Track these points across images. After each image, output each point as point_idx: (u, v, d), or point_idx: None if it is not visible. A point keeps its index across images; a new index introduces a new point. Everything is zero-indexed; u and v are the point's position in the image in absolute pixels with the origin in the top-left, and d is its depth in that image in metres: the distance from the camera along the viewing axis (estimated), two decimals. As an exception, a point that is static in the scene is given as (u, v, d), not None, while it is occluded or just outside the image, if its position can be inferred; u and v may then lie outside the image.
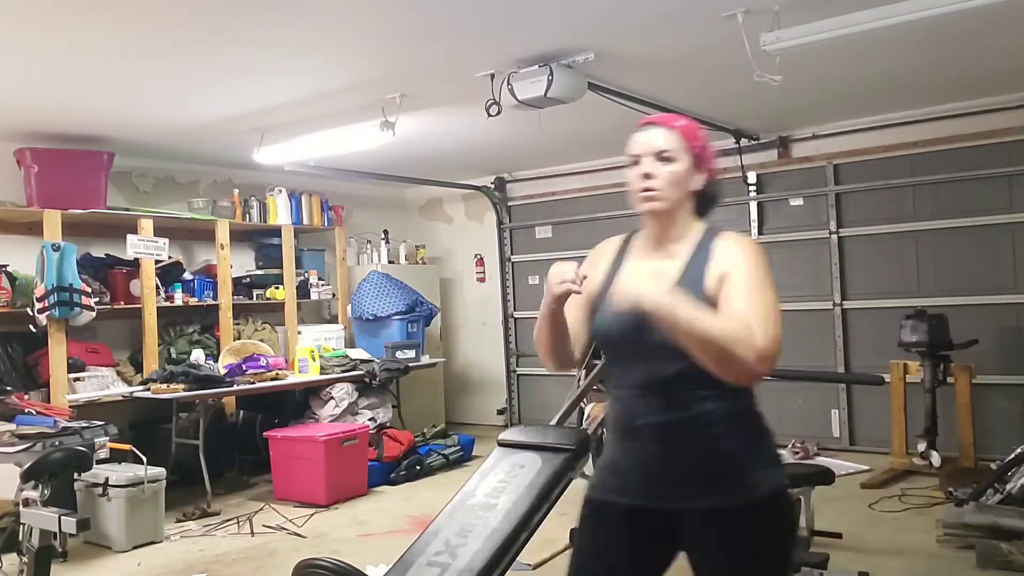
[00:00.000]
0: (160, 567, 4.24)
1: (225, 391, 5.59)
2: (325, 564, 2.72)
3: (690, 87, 4.89)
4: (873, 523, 4.46)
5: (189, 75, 4.24)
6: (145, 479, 4.54)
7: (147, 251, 5.66)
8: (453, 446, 6.37)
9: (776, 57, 3.66)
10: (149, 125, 5.23)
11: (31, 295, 5.09)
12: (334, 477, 5.31)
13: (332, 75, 4.33)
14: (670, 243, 1.84)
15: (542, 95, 4.05)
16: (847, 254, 6.27)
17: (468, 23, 3.63)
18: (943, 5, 3.24)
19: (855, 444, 6.22)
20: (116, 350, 5.86)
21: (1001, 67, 4.74)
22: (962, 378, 5.21)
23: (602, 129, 5.97)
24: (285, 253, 6.67)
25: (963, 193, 5.75)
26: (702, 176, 1.84)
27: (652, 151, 1.80)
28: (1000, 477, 4.28)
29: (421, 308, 6.99)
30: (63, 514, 3.11)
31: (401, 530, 4.70)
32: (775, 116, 5.89)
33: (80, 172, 5.44)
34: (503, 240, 7.99)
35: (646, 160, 1.81)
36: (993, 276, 5.67)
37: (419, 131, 5.56)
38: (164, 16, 3.39)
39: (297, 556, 3.31)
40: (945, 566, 3.76)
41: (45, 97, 4.54)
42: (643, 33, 3.87)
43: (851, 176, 6.23)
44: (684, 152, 1.81)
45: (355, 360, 6.33)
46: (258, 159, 5.74)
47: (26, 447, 4.26)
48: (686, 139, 1.81)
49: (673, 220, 1.83)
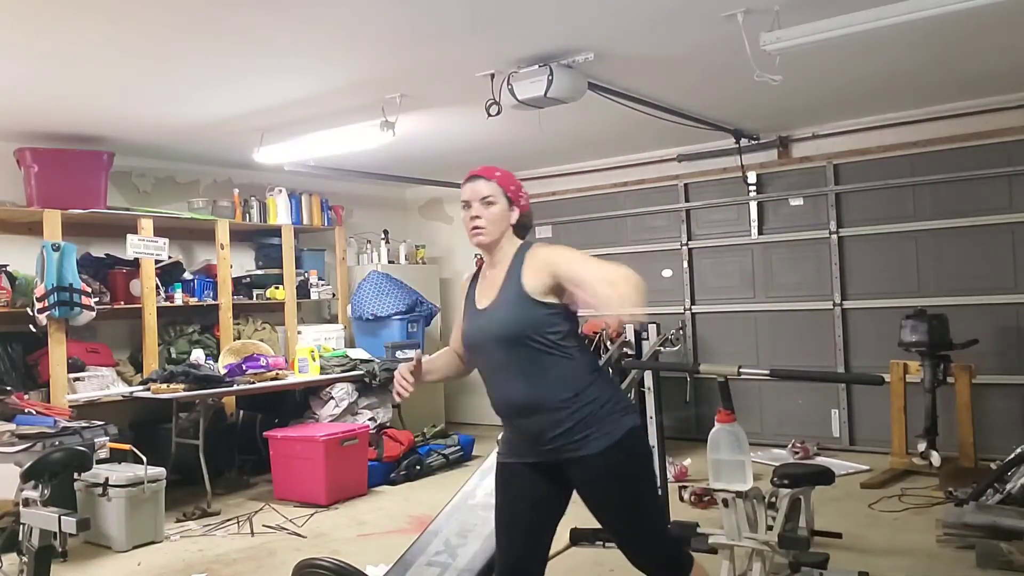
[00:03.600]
0: (160, 567, 4.24)
1: (225, 391, 5.59)
2: (325, 564, 2.72)
3: (690, 87, 4.89)
4: (873, 523, 4.46)
5: (189, 75, 4.25)
6: (145, 479, 4.54)
7: (147, 251, 5.66)
8: (453, 446, 6.37)
9: (776, 57, 3.66)
10: (149, 125, 5.23)
11: (31, 295, 5.09)
12: (334, 477, 5.31)
13: (332, 75, 4.33)
14: (498, 263, 2.36)
15: (542, 95, 4.05)
16: (847, 254, 6.27)
17: (468, 23, 3.63)
18: (943, 5, 3.23)
19: (855, 444, 6.22)
20: (116, 350, 5.86)
21: (1001, 67, 4.74)
22: (962, 378, 5.21)
23: (602, 129, 5.98)
24: (285, 253, 6.68)
25: (963, 193, 5.75)
26: (517, 211, 2.37)
27: (478, 197, 2.33)
28: (1000, 477, 4.27)
29: (421, 308, 6.99)
30: (63, 514, 3.10)
31: (401, 530, 4.70)
32: (775, 116, 5.89)
33: (80, 172, 5.44)
34: (503, 240, 7.98)
35: (475, 204, 2.33)
36: (993, 276, 5.67)
37: (419, 131, 5.56)
38: (164, 16, 3.39)
39: (297, 556, 3.31)
40: (945, 566, 3.76)
41: (45, 97, 4.54)
42: (643, 33, 3.87)
43: (851, 176, 6.23)
44: (502, 196, 2.33)
45: (355, 360, 6.33)
46: (258, 159, 5.74)
47: (26, 447, 4.26)
48: (502, 185, 2.34)
49: (499, 246, 2.35)
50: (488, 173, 2.38)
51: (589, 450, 2.19)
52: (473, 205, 2.34)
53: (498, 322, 2.25)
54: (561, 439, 2.21)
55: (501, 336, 2.24)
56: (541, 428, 2.22)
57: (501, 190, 2.34)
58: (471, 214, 2.34)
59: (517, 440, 2.34)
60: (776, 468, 3.52)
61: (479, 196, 2.33)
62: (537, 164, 7.46)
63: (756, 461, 4.48)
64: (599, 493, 2.26)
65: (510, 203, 2.35)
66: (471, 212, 2.34)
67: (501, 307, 2.27)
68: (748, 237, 6.66)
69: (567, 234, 7.57)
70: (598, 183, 7.33)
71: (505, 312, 2.25)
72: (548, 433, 2.22)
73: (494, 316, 2.27)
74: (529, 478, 2.31)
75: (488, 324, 2.28)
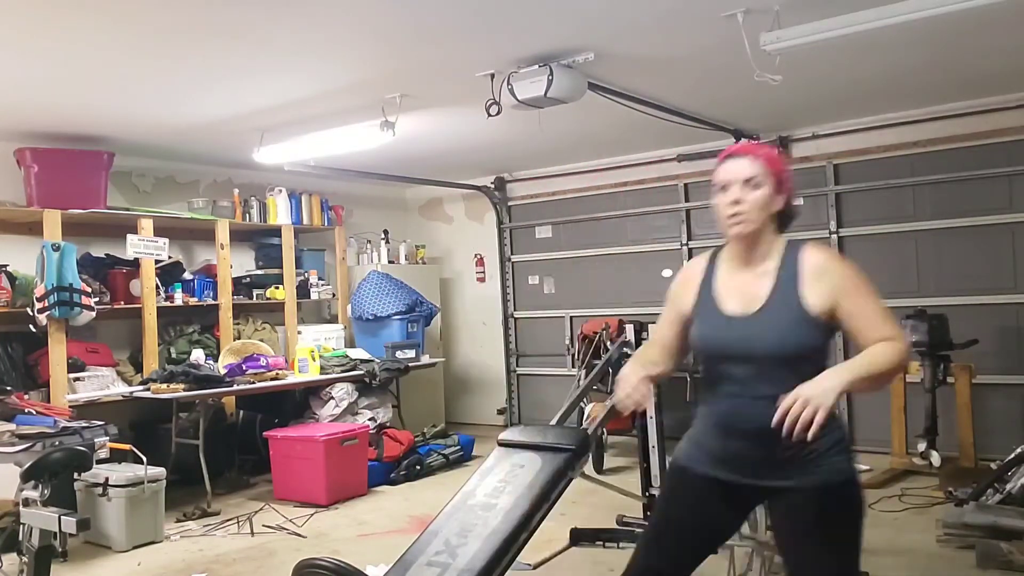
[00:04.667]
0: (160, 567, 4.24)
1: (225, 391, 5.59)
2: (325, 564, 2.72)
3: (690, 87, 4.89)
4: (873, 523, 4.44)
5: (189, 75, 4.24)
6: (145, 479, 4.54)
7: (147, 251, 5.66)
8: (453, 446, 6.38)
9: (776, 57, 3.65)
10: (149, 125, 5.23)
11: (31, 295, 5.09)
12: (334, 477, 5.31)
13: (332, 75, 4.33)
14: (757, 261, 2.05)
15: (542, 95, 4.05)
16: (847, 254, 6.26)
17: (468, 23, 3.63)
18: (943, 5, 3.23)
19: (855, 444, 6.20)
20: (116, 350, 5.86)
21: (1001, 67, 4.74)
22: (962, 378, 5.21)
23: (602, 129, 5.98)
24: (285, 253, 6.68)
25: (963, 193, 5.75)
26: (782, 198, 2.05)
27: (740, 179, 2.00)
28: (1000, 477, 4.28)
29: (421, 308, 6.99)
30: (63, 514, 3.11)
31: (401, 530, 4.70)
32: (775, 116, 5.89)
33: (80, 172, 5.44)
34: (503, 240, 7.99)
35: (734, 187, 2.00)
36: (993, 276, 5.67)
37: (419, 131, 5.56)
38: (164, 16, 3.39)
39: (297, 556, 3.31)
40: (945, 566, 3.76)
41: (45, 97, 4.54)
42: (643, 33, 3.87)
43: (851, 176, 6.22)
44: (768, 178, 2.01)
45: (355, 360, 6.33)
46: (258, 159, 5.74)
47: (26, 447, 4.26)
48: (769, 166, 2.02)
49: (759, 240, 2.03)
50: (753, 151, 2.06)
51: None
52: (731, 188, 2.01)
53: (773, 341, 1.95)
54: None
55: (776, 355, 1.95)
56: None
57: (768, 171, 2.02)
58: (730, 198, 2.01)
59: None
60: (776, 468, 3.52)
61: (741, 177, 2.00)
62: (537, 164, 7.46)
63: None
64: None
65: (776, 188, 2.04)
66: (729, 196, 2.01)
67: (774, 320, 1.98)
68: (748, 237, 6.65)
69: (567, 234, 7.57)
70: (598, 183, 7.33)
71: (783, 330, 1.96)
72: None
73: (765, 328, 1.97)
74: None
75: (753, 335, 1.97)
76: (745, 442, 2.00)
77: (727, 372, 2.04)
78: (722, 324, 2.04)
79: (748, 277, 2.05)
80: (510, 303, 7.97)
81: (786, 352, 1.95)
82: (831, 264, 2.00)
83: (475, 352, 8.19)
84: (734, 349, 2.01)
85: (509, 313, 7.96)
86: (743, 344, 1.99)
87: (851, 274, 1.99)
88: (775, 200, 2.03)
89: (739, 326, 2.01)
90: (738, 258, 2.08)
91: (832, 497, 1.96)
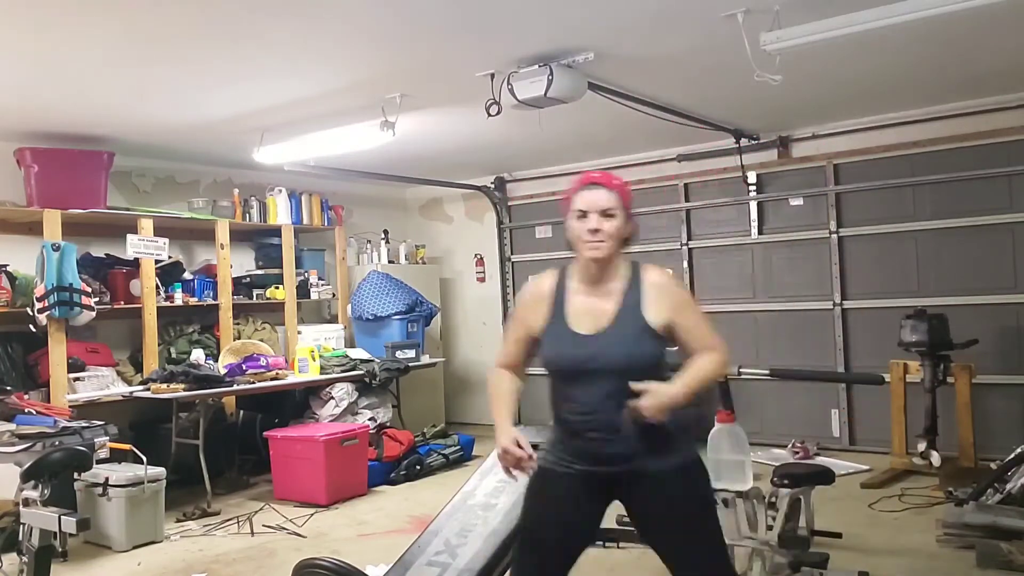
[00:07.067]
0: (160, 567, 4.24)
1: (225, 391, 5.59)
2: (325, 564, 2.72)
3: (690, 87, 4.89)
4: (873, 523, 4.46)
5: (189, 75, 4.24)
6: (145, 479, 4.54)
7: (147, 251, 5.66)
8: (453, 446, 6.37)
9: (776, 57, 3.66)
10: (149, 125, 5.23)
11: (31, 295, 5.09)
12: (334, 477, 5.31)
13: (332, 75, 4.33)
14: (606, 280, 2.24)
15: (542, 95, 4.05)
16: (847, 254, 6.27)
17: (468, 23, 3.63)
18: (943, 5, 3.23)
19: (855, 444, 6.22)
20: (116, 350, 5.86)
21: (1001, 67, 4.74)
22: (962, 378, 5.21)
23: (602, 129, 5.98)
24: (285, 253, 6.67)
25: (963, 193, 5.75)
26: (630, 225, 2.25)
27: (598, 208, 2.18)
28: (1000, 477, 4.28)
29: (421, 308, 6.99)
30: (63, 514, 3.11)
31: (401, 530, 4.70)
32: (775, 116, 5.89)
33: (80, 172, 5.44)
34: (503, 240, 8.00)
35: (592, 216, 2.19)
36: (993, 276, 5.67)
37: (419, 131, 5.56)
38: (164, 16, 3.39)
39: (297, 556, 3.31)
40: (945, 566, 3.76)
41: (45, 97, 4.54)
42: (643, 33, 3.87)
43: (851, 176, 6.22)
44: (621, 209, 2.20)
45: (355, 360, 6.32)
46: (258, 159, 5.74)
47: (26, 447, 4.26)
48: (623, 198, 2.22)
49: (610, 263, 2.23)
50: (608, 182, 2.23)
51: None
52: (591, 216, 2.19)
53: (620, 355, 2.14)
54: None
55: (623, 367, 2.12)
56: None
57: (621, 203, 2.20)
58: (590, 226, 2.19)
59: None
60: (776, 468, 3.53)
61: (599, 207, 2.18)
62: (537, 164, 7.46)
63: (756, 461, 4.48)
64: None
65: (627, 216, 2.23)
66: (589, 224, 2.19)
67: (621, 337, 2.16)
68: (748, 237, 6.66)
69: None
70: (598, 183, 7.32)
71: (629, 345, 2.16)
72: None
73: (612, 345, 2.16)
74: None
75: (602, 353, 2.15)
76: (599, 442, 2.16)
77: (578, 385, 2.19)
78: (574, 343, 2.20)
79: (596, 298, 2.23)
80: (510, 303, 7.97)
81: (632, 363, 2.14)
82: (669, 285, 2.25)
83: (475, 352, 8.19)
84: (586, 365, 2.16)
85: (509, 313, 7.96)
86: (592, 360, 2.15)
87: (685, 294, 2.31)
88: (626, 228, 2.23)
89: (589, 343, 2.17)
90: (588, 279, 2.26)
91: (687, 476, 2.21)
